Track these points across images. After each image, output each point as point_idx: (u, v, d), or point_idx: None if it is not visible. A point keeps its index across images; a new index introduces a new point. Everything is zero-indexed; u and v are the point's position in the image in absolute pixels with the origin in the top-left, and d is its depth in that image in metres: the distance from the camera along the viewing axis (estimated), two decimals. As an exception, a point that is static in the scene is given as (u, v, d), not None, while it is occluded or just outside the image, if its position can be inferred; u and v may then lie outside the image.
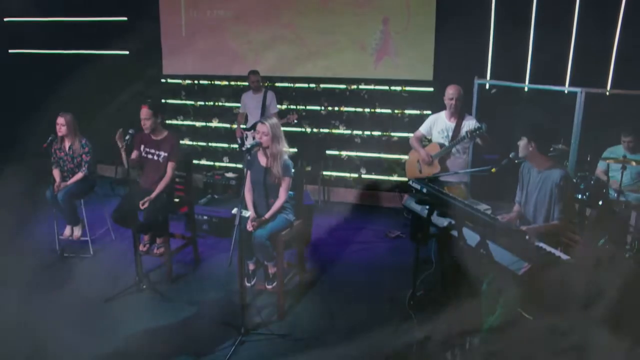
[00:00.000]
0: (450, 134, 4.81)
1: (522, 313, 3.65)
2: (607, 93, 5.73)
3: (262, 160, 4.14)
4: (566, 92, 5.87)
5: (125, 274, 4.71)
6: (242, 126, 6.75)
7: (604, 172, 5.50)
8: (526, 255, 2.86)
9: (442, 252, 4.28)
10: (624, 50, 5.79)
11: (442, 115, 4.92)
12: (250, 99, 6.70)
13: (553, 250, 2.99)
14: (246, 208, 4.12)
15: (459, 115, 4.80)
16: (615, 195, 5.07)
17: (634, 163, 5.04)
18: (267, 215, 4.05)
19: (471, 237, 3.15)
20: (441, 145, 4.82)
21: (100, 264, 5.06)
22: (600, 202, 5.05)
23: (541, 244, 3.10)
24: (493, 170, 3.61)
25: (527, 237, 3.05)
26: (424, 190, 3.45)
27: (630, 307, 2.79)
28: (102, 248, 5.39)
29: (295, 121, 6.59)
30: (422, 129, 5.05)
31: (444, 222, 3.35)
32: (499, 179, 4.64)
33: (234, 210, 3.77)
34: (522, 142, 3.62)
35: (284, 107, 7.14)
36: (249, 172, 4.09)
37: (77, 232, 5.30)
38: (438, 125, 4.92)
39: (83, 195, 5.25)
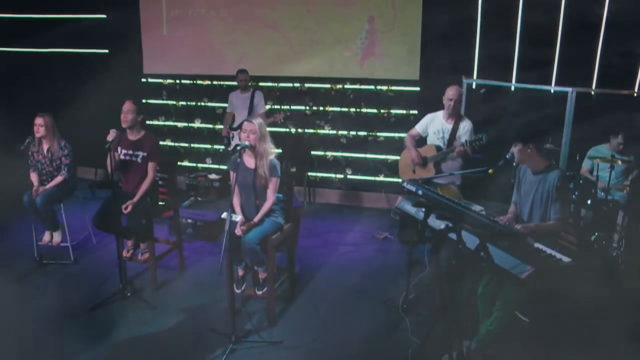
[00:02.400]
0: (447, 135, 4.74)
1: (519, 315, 3.64)
2: (592, 92, 5.77)
3: (249, 161, 4.02)
4: (552, 91, 5.90)
5: (109, 280, 4.57)
6: (228, 126, 6.60)
7: (589, 171, 5.53)
8: (528, 258, 2.81)
9: (438, 254, 4.22)
10: (608, 50, 5.82)
11: (440, 115, 4.84)
12: (237, 99, 6.56)
13: (554, 253, 2.94)
14: (235, 212, 3.98)
15: (456, 116, 4.74)
16: (603, 194, 5.10)
17: (619, 162, 5.07)
18: (256, 219, 3.93)
19: (470, 240, 3.08)
20: (438, 148, 4.74)
21: (81, 271, 4.88)
22: (589, 201, 5.08)
23: (540, 246, 3.05)
24: (490, 171, 3.57)
25: (528, 239, 3.00)
26: (420, 192, 3.37)
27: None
28: (84, 254, 5.20)
29: (282, 120, 6.48)
30: (418, 127, 4.97)
31: (440, 224, 3.28)
32: (489, 180, 4.61)
33: (224, 215, 3.64)
34: (517, 147, 3.56)
35: (268, 107, 7.01)
36: (235, 175, 3.96)
37: (57, 237, 5.11)
38: (434, 125, 4.85)
39: (63, 199, 5.05)
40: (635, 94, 5.77)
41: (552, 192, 3.44)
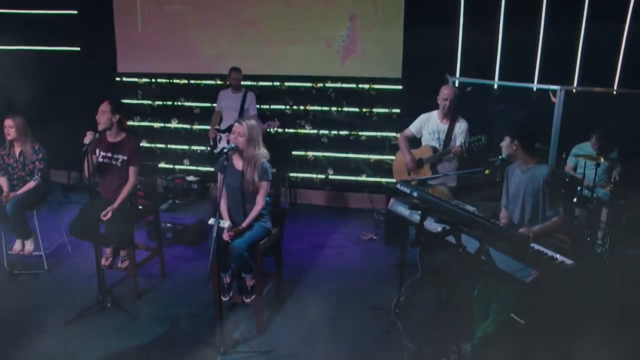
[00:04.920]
0: (442, 136, 4.62)
1: (515, 317, 3.58)
2: (574, 90, 5.78)
3: (238, 164, 3.86)
4: (535, 89, 5.89)
5: (86, 291, 4.34)
6: (216, 127, 6.37)
7: (573, 169, 5.55)
8: (530, 262, 2.73)
9: (433, 257, 4.15)
10: (589, 48, 5.85)
11: (434, 115, 4.71)
12: (228, 98, 6.31)
13: (555, 255, 2.88)
14: (222, 218, 3.80)
15: (451, 116, 4.63)
16: (586, 192, 5.10)
17: (602, 159, 5.08)
18: (244, 224, 3.78)
19: (468, 243, 2.99)
20: (434, 149, 4.62)
21: (56, 281, 4.63)
22: (575, 199, 5.08)
23: (540, 248, 2.99)
24: (487, 172, 3.49)
25: (530, 243, 2.93)
26: (415, 195, 3.26)
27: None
28: (59, 263, 4.95)
29: (277, 129, 6.29)
30: (412, 128, 4.82)
31: (437, 227, 3.19)
32: (475, 180, 4.56)
33: (211, 221, 3.49)
34: (505, 142, 3.55)
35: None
36: (222, 178, 3.79)
37: (29, 246, 4.85)
38: (429, 126, 4.72)
39: (35, 205, 4.78)
40: (614, 92, 5.81)
41: (545, 189, 3.39)
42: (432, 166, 4.62)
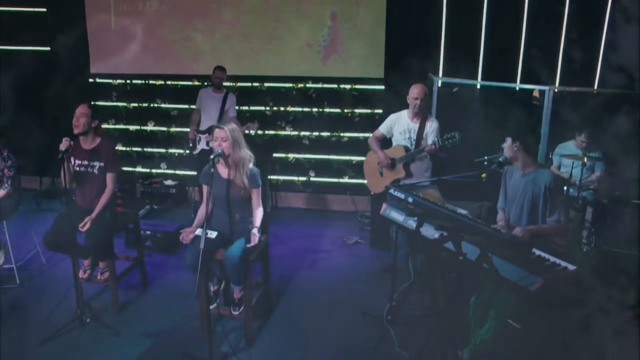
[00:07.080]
0: (413, 135, 4.55)
1: (512, 322, 3.53)
2: (556, 90, 5.80)
3: (223, 171, 3.69)
4: (517, 89, 5.90)
5: (63, 305, 4.12)
6: (195, 128, 6.17)
7: (557, 168, 5.54)
8: (534, 269, 2.66)
9: (421, 262, 4.07)
10: (570, 49, 5.88)
11: (404, 114, 4.65)
12: (209, 97, 6.08)
13: (557, 260, 2.81)
14: (212, 229, 3.58)
15: (422, 115, 4.56)
16: (573, 190, 5.11)
17: (585, 159, 5.09)
18: (254, 239, 3.54)
19: (466, 249, 2.90)
20: (406, 149, 4.55)
21: (30, 296, 4.37)
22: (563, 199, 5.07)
23: (541, 253, 2.92)
24: (483, 175, 3.42)
25: (533, 250, 2.86)
26: (410, 200, 3.16)
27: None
28: (32, 276, 4.69)
29: (256, 131, 6.12)
30: (382, 129, 4.77)
31: (434, 234, 3.10)
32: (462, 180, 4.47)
33: (198, 231, 3.32)
34: (506, 143, 3.50)
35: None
36: (209, 189, 3.58)
37: (-1, 259, 4.59)
38: (400, 126, 4.65)
39: (5, 216, 4.50)
40: (595, 91, 5.85)
41: (547, 194, 3.34)
42: (405, 166, 4.55)
